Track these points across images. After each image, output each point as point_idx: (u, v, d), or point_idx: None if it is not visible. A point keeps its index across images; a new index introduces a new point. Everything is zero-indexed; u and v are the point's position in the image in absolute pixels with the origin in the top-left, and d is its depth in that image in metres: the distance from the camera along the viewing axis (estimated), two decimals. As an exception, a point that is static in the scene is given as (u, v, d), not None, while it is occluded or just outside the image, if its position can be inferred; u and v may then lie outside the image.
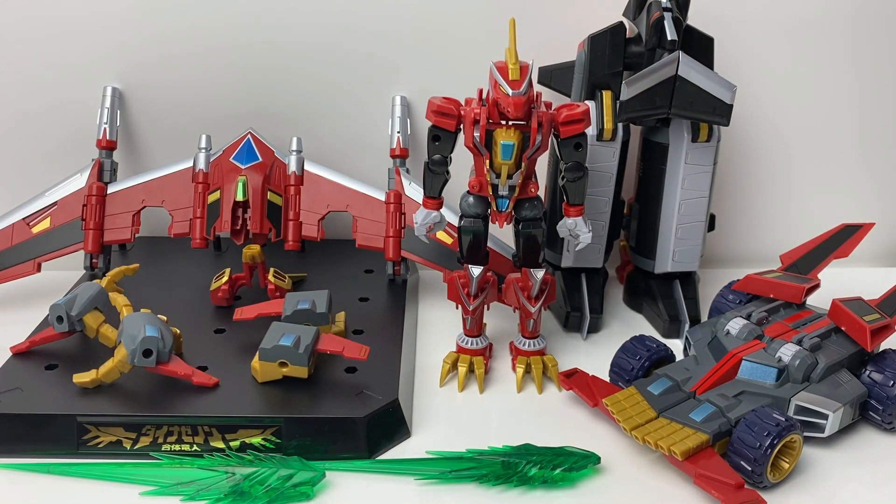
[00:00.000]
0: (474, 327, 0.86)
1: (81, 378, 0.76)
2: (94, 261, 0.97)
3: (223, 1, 1.02)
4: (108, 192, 0.98)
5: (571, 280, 0.98)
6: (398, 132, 1.03)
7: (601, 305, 0.97)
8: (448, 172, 0.80)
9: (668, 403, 0.74)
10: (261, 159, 0.96)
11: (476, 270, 0.82)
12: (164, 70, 1.05)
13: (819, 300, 0.87)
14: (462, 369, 0.84)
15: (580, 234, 0.82)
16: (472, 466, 0.70)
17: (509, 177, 0.78)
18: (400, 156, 1.02)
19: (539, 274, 0.83)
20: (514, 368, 0.86)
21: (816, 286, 0.87)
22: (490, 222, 0.82)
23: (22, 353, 0.82)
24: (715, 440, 0.70)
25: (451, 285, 0.85)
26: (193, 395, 0.75)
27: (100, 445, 0.73)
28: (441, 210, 0.83)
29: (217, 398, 0.76)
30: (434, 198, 0.82)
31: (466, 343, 0.86)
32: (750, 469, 0.68)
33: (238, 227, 0.93)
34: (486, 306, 0.86)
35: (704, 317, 0.96)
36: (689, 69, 0.84)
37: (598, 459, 0.71)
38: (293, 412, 0.74)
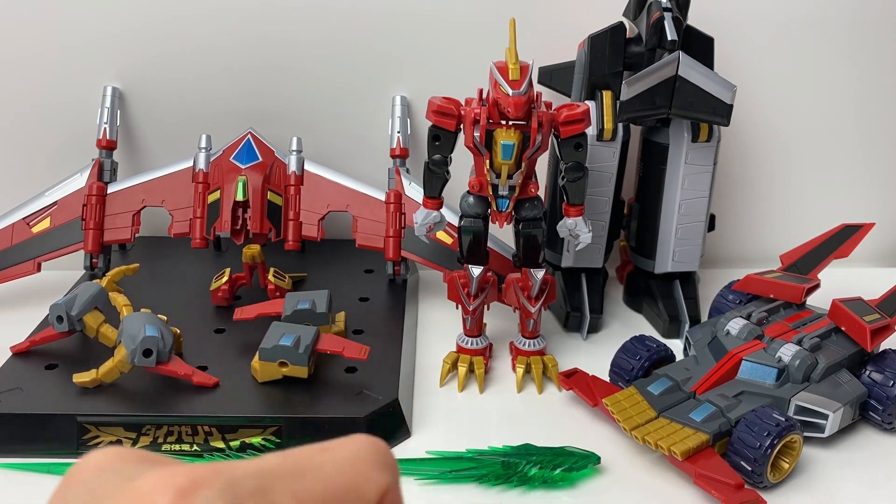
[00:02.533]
0: (474, 327, 0.86)
1: (81, 378, 0.76)
2: (94, 261, 0.97)
3: (223, 1, 1.02)
4: (108, 191, 0.98)
5: (571, 280, 0.98)
6: (398, 132, 1.03)
7: (601, 305, 0.97)
8: (448, 172, 0.80)
9: (668, 403, 0.74)
10: (261, 159, 0.96)
11: (476, 270, 0.82)
12: (164, 70, 1.05)
13: (819, 300, 0.87)
14: (462, 369, 0.84)
15: (580, 234, 0.82)
16: (472, 466, 0.71)
17: (509, 177, 0.78)
18: (400, 156, 1.02)
19: (539, 274, 0.83)
20: (514, 368, 0.86)
21: (816, 286, 0.87)
22: (490, 222, 0.82)
23: (22, 353, 0.82)
24: (715, 440, 0.70)
25: (451, 285, 0.85)
26: (193, 395, 0.75)
27: (100, 445, 0.73)
28: (441, 210, 0.83)
29: (217, 398, 0.76)
30: (434, 198, 0.82)
31: (466, 343, 0.86)
32: (750, 469, 0.68)
33: (238, 227, 0.93)
34: (486, 306, 0.86)
35: (704, 317, 0.96)
36: (690, 69, 0.84)
37: (598, 459, 0.71)
38: (293, 412, 0.74)
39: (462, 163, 0.81)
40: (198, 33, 1.04)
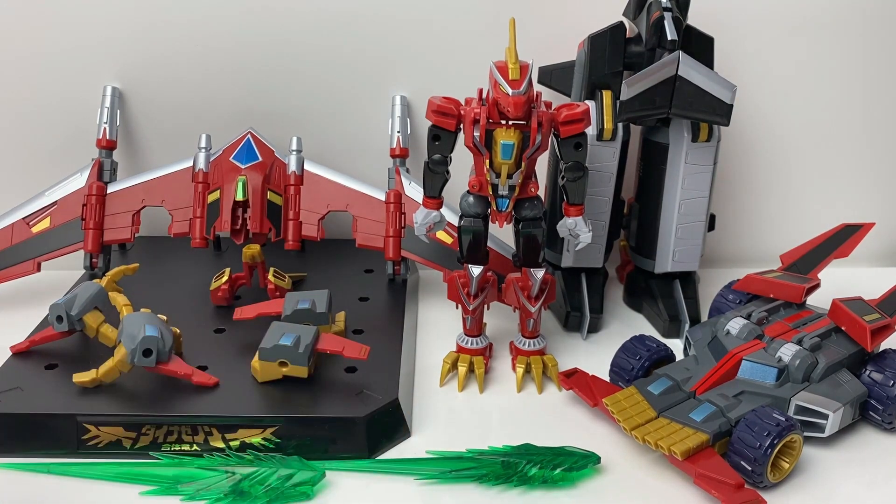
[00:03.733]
0: (474, 327, 0.86)
1: (81, 378, 0.75)
2: (93, 260, 0.97)
3: (223, 1, 1.02)
4: (108, 191, 0.98)
5: (571, 280, 0.98)
6: (398, 132, 1.03)
7: (601, 305, 0.97)
8: (448, 172, 0.80)
9: (668, 403, 0.74)
10: (261, 159, 0.96)
11: (476, 270, 0.82)
12: (163, 70, 1.05)
13: (819, 300, 0.87)
14: (462, 369, 0.84)
15: (580, 233, 0.82)
16: (472, 466, 0.70)
17: (509, 176, 0.78)
18: (400, 155, 1.02)
19: (539, 274, 0.83)
20: (514, 368, 0.86)
21: (816, 286, 0.87)
22: (490, 222, 0.82)
23: (22, 353, 0.82)
24: (715, 440, 0.70)
25: (451, 285, 0.85)
26: (193, 395, 0.75)
27: (100, 445, 0.73)
28: (441, 210, 0.83)
29: (217, 398, 0.75)
30: (434, 197, 0.82)
31: (466, 343, 0.86)
32: (750, 469, 0.68)
33: (238, 227, 0.93)
34: (486, 306, 0.86)
35: (704, 317, 0.96)
36: (689, 69, 0.84)
37: (598, 459, 0.71)
38: (293, 412, 0.74)
39: (462, 163, 0.81)
40: (198, 33, 1.04)
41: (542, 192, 0.83)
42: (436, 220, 0.82)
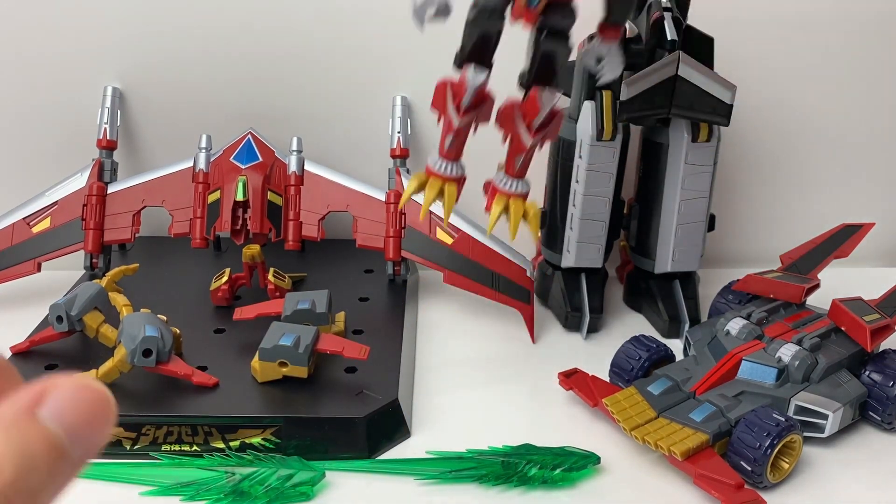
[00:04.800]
0: (453, 150, 0.70)
1: (81, 378, 0.75)
2: (94, 261, 0.97)
3: (224, 1, 1.02)
4: (109, 191, 0.98)
5: (571, 280, 0.98)
6: (398, 132, 1.03)
7: (601, 305, 0.97)
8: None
9: (668, 403, 0.74)
10: (261, 159, 0.96)
11: (479, 77, 0.66)
12: (164, 70, 1.05)
13: (819, 300, 0.87)
14: (430, 193, 0.71)
15: (607, 65, 0.67)
16: (472, 466, 0.70)
17: None
18: (400, 156, 1.02)
19: (552, 98, 0.66)
20: (487, 208, 0.72)
21: (816, 286, 0.87)
22: (511, 18, 0.65)
23: (22, 353, 0.82)
24: (715, 440, 0.70)
25: (438, 92, 0.68)
26: (193, 395, 0.75)
27: (100, 445, 0.72)
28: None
29: (217, 398, 0.76)
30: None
31: (440, 167, 0.71)
32: (750, 469, 0.68)
33: (238, 227, 0.93)
34: (473, 128, 0.71)
35: (704, 317, 0.96)
36: (689, 69, 0.84)
37: (598, 459, 0.71)
38: (293, 412, 0.74)
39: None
40: (198, 33, 1.04)
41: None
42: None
